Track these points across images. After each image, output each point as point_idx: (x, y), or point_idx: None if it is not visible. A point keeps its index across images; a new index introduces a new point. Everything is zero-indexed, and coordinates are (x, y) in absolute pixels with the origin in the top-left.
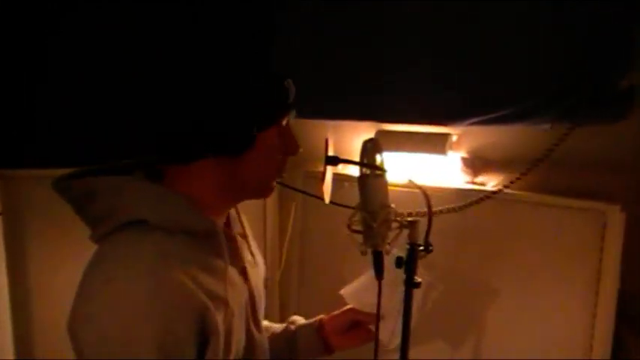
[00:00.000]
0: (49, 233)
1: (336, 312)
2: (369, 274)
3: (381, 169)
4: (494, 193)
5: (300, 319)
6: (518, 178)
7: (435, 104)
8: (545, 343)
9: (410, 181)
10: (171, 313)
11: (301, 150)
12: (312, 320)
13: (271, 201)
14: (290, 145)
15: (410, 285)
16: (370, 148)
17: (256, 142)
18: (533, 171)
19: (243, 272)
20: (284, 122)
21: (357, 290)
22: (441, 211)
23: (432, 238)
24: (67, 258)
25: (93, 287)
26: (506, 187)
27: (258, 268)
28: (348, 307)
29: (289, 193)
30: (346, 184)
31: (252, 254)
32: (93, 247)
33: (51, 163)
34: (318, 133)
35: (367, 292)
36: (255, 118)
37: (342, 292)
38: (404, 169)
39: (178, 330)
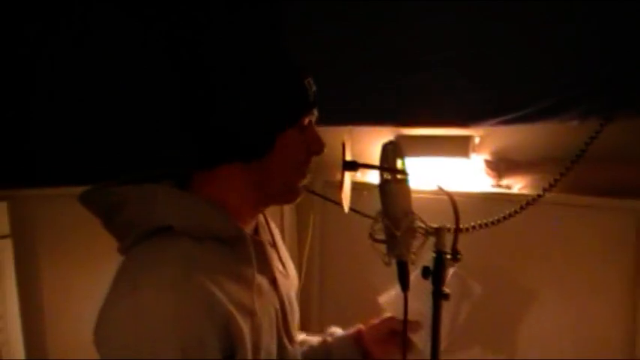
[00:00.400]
0: (59, 252)
1: (375, 321)
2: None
3: (403, 172)
4: (538, 196)
5: (338, 330)
6: (557, 180)
7: (456, 105)
8: (582, 351)
9: (439, 187)
10: (197, 321)
11: (326, 149)
12: (350, 330)
13: (289, 212)
14: (314, 145)
15: (438, 296)
16: (391, 150)
17: (277, 143)
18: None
19: (274, 282)
20: (306, 122)
21: (395, 298)
22: (479, 226)
23: (460, 243)
24: (78, 276)
25: (119, 295)
26: (546, 190)
27: (290, 278)
28: (387, 315)
29: (307, 203)
30: (366, 192)
31: (282, 264)
32: (105, 264)
33: (65, 180)
34: (336, 140)
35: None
36: (274, 119)
37: (380, 300)
38: (425, 174)
39: (203, 338)
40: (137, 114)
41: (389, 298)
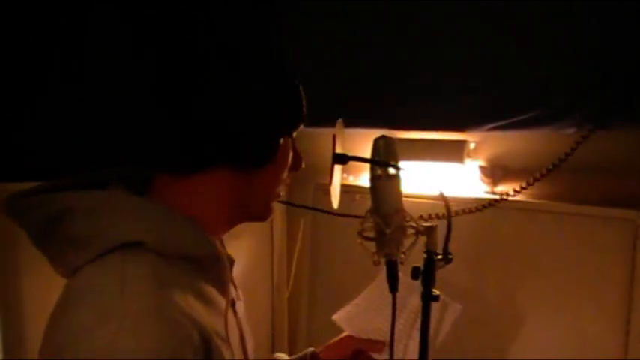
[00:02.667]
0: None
1: (332, 341)
2: (364, 295)
3: (395, 166)
4: (502, 199)
5: (284, 356)
6: (523, 188)
7: (451, 109)
8: None
9: (440, 193)
10: (181, 352)
11: (304, 166)
12: (300, 355)
13: (279, 216)
14: (297, 161)
15: (428, 298)
16: (382, 145)
17: (279, 151)
18: (559, 179)
19: (233, 305)
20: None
21: (352, 314)
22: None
23: (452, 252)
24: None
25: (83, 329)
26: (511, 195)
27: (241, 300)
28: (344, 334)
29: (297, 209)
30: (358, 196)
31: (234, 284)
32: None
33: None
34: (328, 143)
35: (364, 316)
36: (280, 121)
37: (335, 317)
38: (419, 178)
39: None
40: (116, 107)
41: (345, 314)
